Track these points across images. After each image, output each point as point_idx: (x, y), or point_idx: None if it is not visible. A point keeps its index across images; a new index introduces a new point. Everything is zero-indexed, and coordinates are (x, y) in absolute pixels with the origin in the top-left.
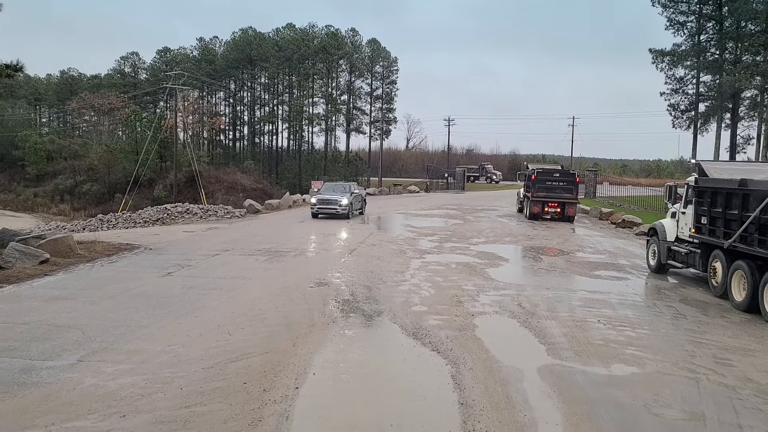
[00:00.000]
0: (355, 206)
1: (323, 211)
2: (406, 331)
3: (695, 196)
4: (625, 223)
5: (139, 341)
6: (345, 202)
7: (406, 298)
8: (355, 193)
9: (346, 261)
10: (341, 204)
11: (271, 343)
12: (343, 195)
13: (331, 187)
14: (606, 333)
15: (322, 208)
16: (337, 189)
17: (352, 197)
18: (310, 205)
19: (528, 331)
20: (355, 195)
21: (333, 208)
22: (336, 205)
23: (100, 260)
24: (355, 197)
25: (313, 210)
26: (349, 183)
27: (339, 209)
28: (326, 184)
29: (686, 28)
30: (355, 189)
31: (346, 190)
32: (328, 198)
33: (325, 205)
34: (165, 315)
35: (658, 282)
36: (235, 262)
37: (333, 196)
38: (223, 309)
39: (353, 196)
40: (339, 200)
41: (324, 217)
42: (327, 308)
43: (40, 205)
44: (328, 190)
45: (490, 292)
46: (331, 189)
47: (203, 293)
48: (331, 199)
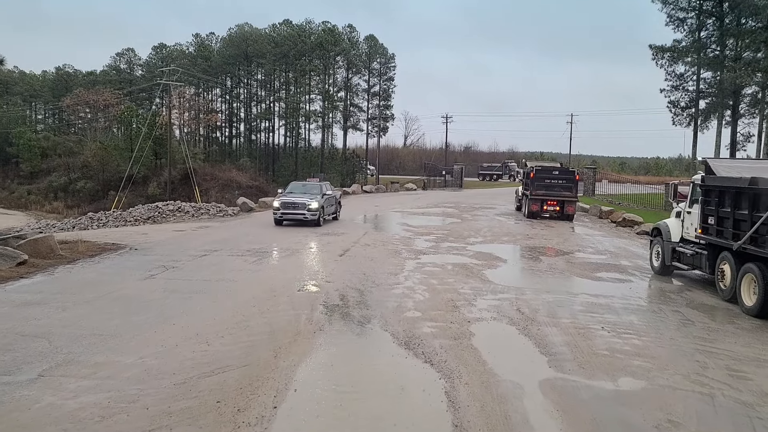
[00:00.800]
0: (327, 210)
1: (288, 217)
2: (398, 340)
3: (702, 195)
4: (625, 221)
5: (109, 352)
6: (315, 206)
7: (399, 302)
8: (328, 195)
9: (338, 262)
10: (310, 208)
11: (251, 354)
12: (313, 197)
13: (300, 187)
14: (611, 341)
15: (286, 214)
16: (306, 189)
17: (324, 200)
18: (273, 209)
19: (528, 340)
20: (328, 197)
21: (300, 213)
22: (303, 210)
23: (81, 261)
24: (328, 200)
25: (276, 215)
26: (321, 182)
27: (307, 214)
28: (293, 184)
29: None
30: (327, 189)
31: (316, 191)
32: (294, 201)
33: (291, 209)
34: (141, 322)
35: (663, 284)
36: (222, 264)
37: (300, 198)
38: (204, 315)
39: (325, 198)
40: (307, 203)
41: (289, 224)
42: (314, 314)
43: (34, 202)
44: (296, 191)
45: (488, 295)
46: (299, 189)
47: (185, 298)
48: (297, 202)
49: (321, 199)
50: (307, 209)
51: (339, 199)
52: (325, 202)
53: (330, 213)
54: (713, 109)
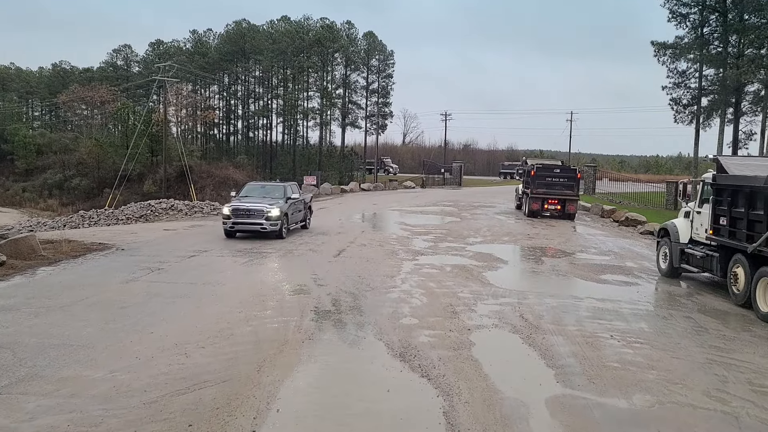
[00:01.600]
0: (293, 218)
1: (242, 228)
2: (393, 351)
3: (713, 195)
4: (628, 221)
5: (77, 365)
6: (275, 214)
7: (395, 308)
8: (293, 199)
9: (333, 263)
10: (269, 216)
11: (232, 367)
12: (273, 202)
13: (258, 189)
14: (621, 352)
15: (239, 223)
16: (266, 192)
17: (289, 205)
18: (222, 217)
19: (532, 350)
20: (293, 202)
21: (257, 222)
22: (261, 219)
23: (63, 262)
24: (294, 205)
25: (226, 226)
26: (285, 184)
27: (266, 224)
28: (250, 185)
29: (689, 20)
30: (293, 192)
31: (279, 195)
32: (249, 208)
33: (245, 218)
34: (117, 330)
35: (671, 288)
36: (211, 265)
37: (257, 204)
38: (185, 322)
39: (290, 203)
40: (266, 211)
41: (244, 236)
42: (304, 321)
43: (28, 200)
44: (253, 195)
45: (489, 300)
46: (257, 193)
47: (167, 302)
48: (253, 209)
49: (284, 204)
50: (265, 218)
51: (309, 203)
52: (289, 209)
53: (297, 221)
54: (715, 107)
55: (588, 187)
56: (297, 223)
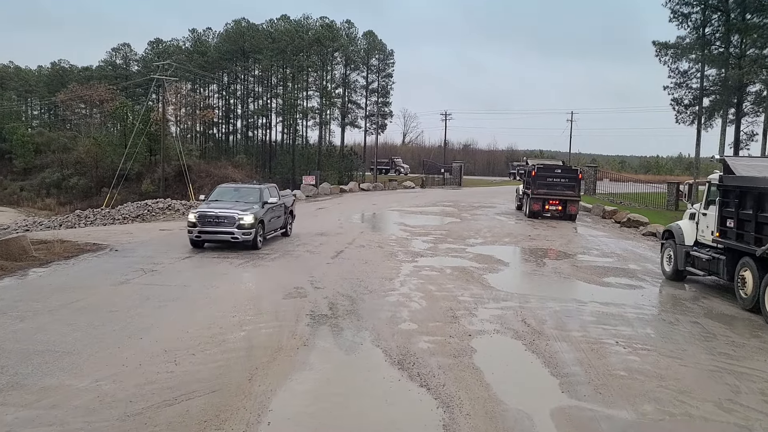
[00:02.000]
0: (270, 225)
1: (210, 237)
2: (391, 359)
3: (720, 196)
4: (630, 222)
5: (61, 374)
6: (248, 221)
7: (393, 312)
8: (270, 204)
9: (330, 265)
10: (242, 224)
11: (223, 376)
12: (247, 207)
13: (230, 192)
14: (628, 359)
15: (207, 232)
16: (239, 196)
17: (266, 211)
18: (188, 225)
19: (536, 358)
20: (271, 207)
21: (227, 231)
22: (232, 227)
23: (55, 264)
24: (272, 210)
25: (192, 235)
26: (262, 186)
27: (237, 233)
28: (221, 188)
29: (690, 20)
30: (270, 196)
31: (254, 199)
32: (218, 214)
33: (213, 226)
34: (105, 336)
35: (676, 291)
36: (205, 267)
37: (228, 210)
38: (177, 328)
39: (268, 208)
40: (238, 217)
41: (213, 246)
42: (299, 326)
43: (26, 199)
44: (224, 199)
45: (490, 304)
46: (228, 196)
47: (159, 306)
48: (223, 215)
49: (260, 210)
50: (237, 225)
51: (291, 207)
52: (266, 215)
53: (275, 228)
54: (717, 107)
55: (588, 187)
56: (276, 230)
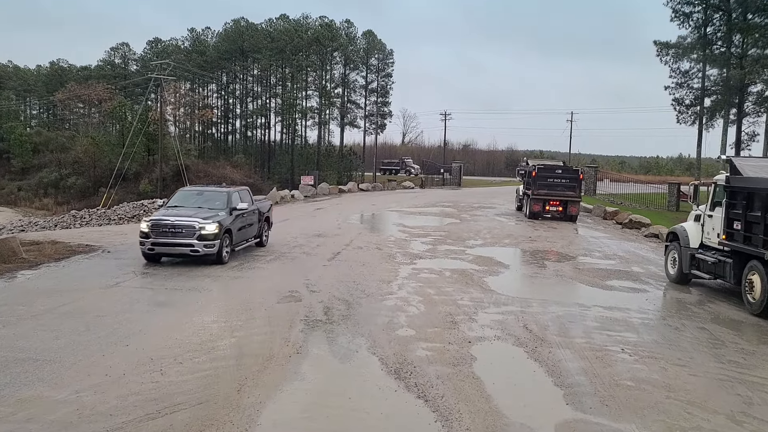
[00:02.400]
0: (240, 235)
1: (165, 249)
2: (388, 367)
3: (726, 198)
4: (632, 223)
5: (40, 384)
6: (211, 230)
7: (390, 317)
8: (241, 210)
9: (326, 267)
10: (203, 234)
11: (211, 386)
12: (211, 214)
13: (193, 197)
14: (635, 368)
15: (162, 244)
16: (203, 201)
17: (234, 218)
18: (140, 235)
19: (539, 366)
20: (241, 214)
21: (185, 243)
22: (191, 237)
23: (45, 266)
24: (241, 218)
25: (144, 248)
26: (231, 189)
27: (198, 245)
28: (183, 192)
29: (692, 19)
30: (241, 201)
31: (220, 204)
32: (174, 222)
33: (169, 236)
34: (90, 342)
35: (681, 295)
36: (198, 269)
37: (187, 217)
38: (165, 334)
39: (236, 215)
40: (198, 226)
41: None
42: (293, 333)
43: (24, 199)
44: (185, 204)
45: (490, 308)
46: (191, 202)
47: (148, 311)
48: (180, 223)
49: (226, 217)
50: (197, 236)
51: (267, 213)
52: (234, 223)
53: (248, 238)
54: (719, 107)
55: (589, 188)
56: (248, 240)
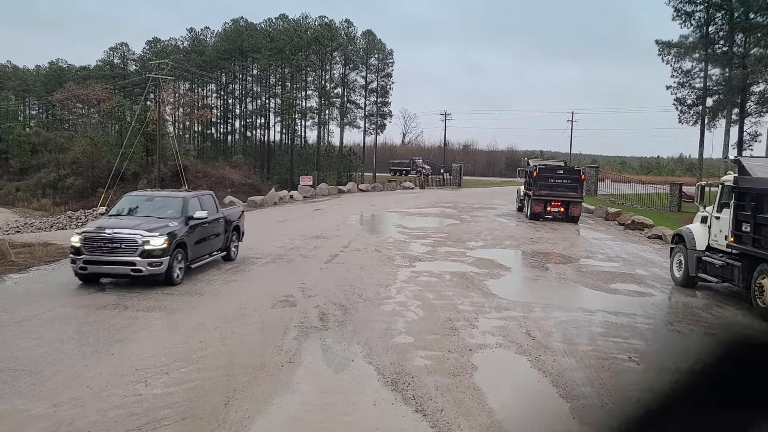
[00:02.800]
0: (200, 249)
1: (100, 269)
2: (384, 377)
3: (735, 199)
4: (635, 224)
5: (17, 397)
6: (157, 244)
7: (388, 323)
8: (198, 219)
9: (323, 270)
10: (148, 249)
11: (197, 399)
12: (159, 225)
13: (142, 203)
14: (644, 377)
15: (95, 262)
16: (152, 208)
17: (190, 229)
18: (70, 251)
19: (543, 376)
20: (200, 223)
21: (124, 261)
22: (132, 253)
23: (34, 269)
24: (201, 228)
25: (76, 265)
26: (187, 195)
27: (141, 263)
28: (130, 197)
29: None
30: (200, 208)
31: (173, 212)
32: (112, 235)
33: (106, 253)
34: (73, 351)
35: (687, 299)
36: (190, 272)
37: (128, 228)
38: (151, 342)
39: (193, 225)
40: (141, 239)
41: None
42: (286, 340)
43: (22, 199)
44: (130, 212)
45: (491, 313)
46: (142, 209)
47: (136, 317)
48: (120, 237)
49: (179, 228)
50: (139, 252)
51: (237, 221)
52: (191, 235)
53: (210, 251)
54: (721, 107)
55: (590, 188)
56: (211, 255)
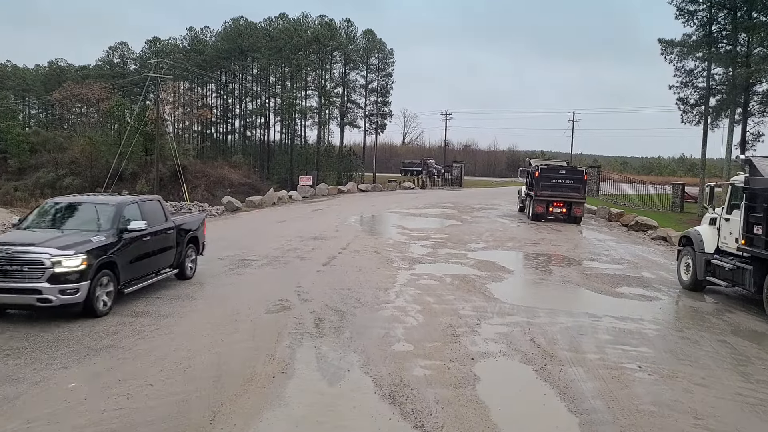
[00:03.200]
0: (136, 268)
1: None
2: (382, 390)
3: (746, 200)
4: (638, 225)
5: None
6: (71, 265)
7: (386, 330)
8: (135, 232)
9: (320, 273)
10: (59, 270)
11: (180, 414)
12: (77, 240)
13: (60, 211)
14: (655, 390)
15: None
16: (77, 219)
17: (123, 244)
18: None
19: (549, 388)
20: (138, 236)
21: (26, 288)
22: (36, 278)
23: None
24: (141, 243)
25: None
26: (123, 200)
27: (49, 291)
28: (48, 204)
29: (696, 17)
30: (138, 217)
31: (103, 223)
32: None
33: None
34: (54, 360)
35: (696, 303)
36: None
37: (33, 245)
38: (137, 350)
39: (129, 238)
40: (51, 260)
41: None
42: (279, 348)
43: (20, 199)
44: (46, 223)
45: (494, 319)
46: (59, 218)
47: (124, 322)
48: (20, 256)
49: (104, 243)
50: (47, 277)
51: (195, 231)
52: (123, 251)
53: (156, 270)
54: (724, 107)
55: (592, 188)
56: (157, 274)
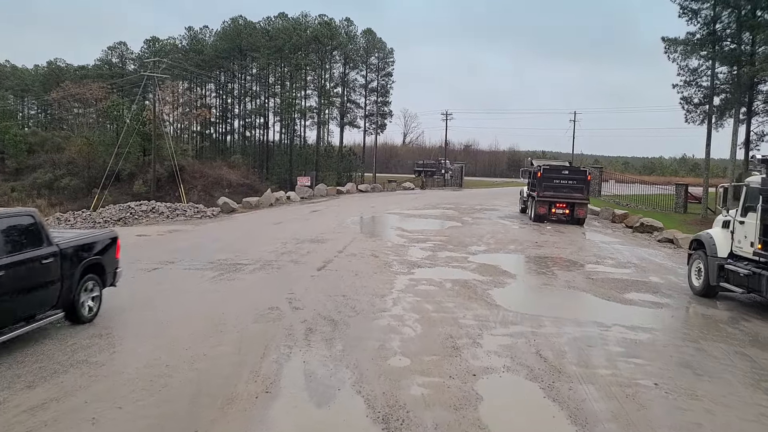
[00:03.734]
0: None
1: None
2: (375, 412)
3: (763, 202)
4: (643, 227)
5: None
6: None
7: (382, 341)
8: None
9: (314, 279)
10: None
11: None
12: None
13: None
14: (675, 411)
15: None
16: None
17: None
18: None
19: (558, 409)
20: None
21: None
22: None
23: None
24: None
25: None
26: None
27: None
28: None
29: (700, 15)
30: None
31: None
32: None
33: None
34: (18, 377)
35: (709, 310)
36: (172, 281)
37: None
38: (111, 365)
39: None
40: None
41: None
42: (264, 363)
43: (17, 200)
44: None
45: (497, 329)
46: None
47: (98, 335)
48: None
49: None
50: None
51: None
52: None
53: (27, 313)
54: (728, 106)
55: (594, 189)
56: (30, 320)
